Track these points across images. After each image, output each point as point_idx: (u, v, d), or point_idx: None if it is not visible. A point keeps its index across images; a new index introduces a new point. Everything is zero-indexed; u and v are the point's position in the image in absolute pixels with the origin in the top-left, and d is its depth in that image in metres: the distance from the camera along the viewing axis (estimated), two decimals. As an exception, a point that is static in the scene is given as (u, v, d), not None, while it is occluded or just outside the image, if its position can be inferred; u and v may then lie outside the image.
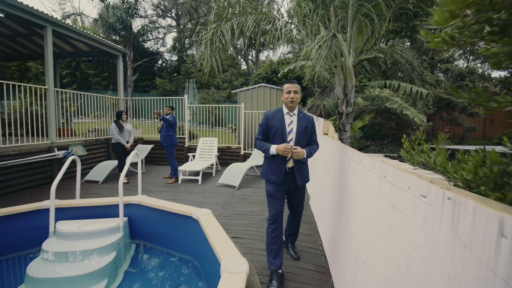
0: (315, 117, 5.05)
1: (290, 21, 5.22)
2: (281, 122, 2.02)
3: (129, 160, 3.14)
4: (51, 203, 2.70)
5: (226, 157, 6.69)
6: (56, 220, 2.76)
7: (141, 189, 4.32)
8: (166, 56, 21.96)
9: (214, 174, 5.77)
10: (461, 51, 13.28)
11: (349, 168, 1.94)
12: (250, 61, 27.45)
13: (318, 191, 3.46)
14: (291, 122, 2.04)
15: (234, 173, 4.75)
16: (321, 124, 3.85)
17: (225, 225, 2.99)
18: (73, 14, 13.56)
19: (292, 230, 2.42)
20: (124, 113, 5.04)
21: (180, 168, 5.03)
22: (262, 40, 5.17)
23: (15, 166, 4.44)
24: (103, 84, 19.36)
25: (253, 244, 2.60)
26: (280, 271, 2.00)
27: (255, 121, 7.05)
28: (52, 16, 5.01)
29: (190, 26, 19.23)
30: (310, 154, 2.04)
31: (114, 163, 5.32)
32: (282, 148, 1.90)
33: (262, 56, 29.22)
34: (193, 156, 6.23)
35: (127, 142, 4.98)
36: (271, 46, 6.07)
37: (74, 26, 5.46)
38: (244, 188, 4.59)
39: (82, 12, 13.95)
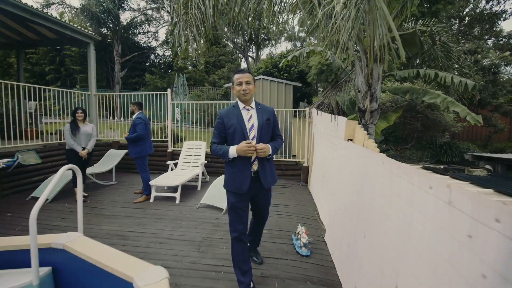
0: (325, 115, 4.02)
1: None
2: (239, 119, 1.85)
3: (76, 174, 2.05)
4: None
5: (217, 164, 5.65)
6: None
7: (93, 214, 3.36)
8: (159, 51, 20.99)
9: (199, 188, 4.73)
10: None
11: (402, 198, 1.00)
12: (250, 58, 26.47)
13: (345, 228, 2.39)
14: (250, 117, 1.88)
15: (222, 189, 3.69)
16: (341, 125, 2.80)
17: (195, 290, 1.93)
18: (55, 3, 12.60)
19: (255, 236, 2.29)
20: (80, 111, 4.03)
21: (154, 182, 3.98)
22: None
23: None
24: (90, 81, 18.39)
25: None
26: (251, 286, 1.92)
27: (252, 121, 6.00)
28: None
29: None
30: (275, 150, 1.90)
31: (68, 174, 4.28)
32: (243, 147, 1.72)
33: (263, 54, 28.27)
34: (175, 165, 5.18)
35: (83, 149, 3.96)
36: (271, 26, 5.00)
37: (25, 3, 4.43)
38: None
39: (63, 1, 12.96)
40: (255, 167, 1.84)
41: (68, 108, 6.38)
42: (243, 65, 25.76)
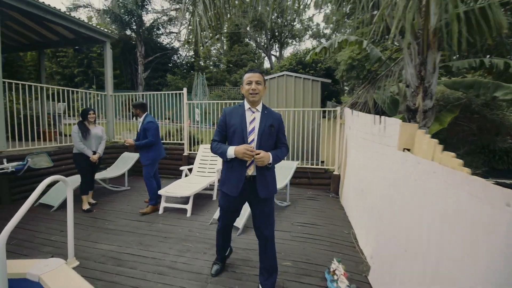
0: (363, 115, 3.34)
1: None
2: (241, 120, 1.79)
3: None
4: None
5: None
6: None
7: (95, 228, 2.93)
8: (182, 52, 21.19)
9: (214, 197, 4.28)
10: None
11: None
12: (273, 57, 25.89)
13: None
14: (253, 120, 1.80)
15: (239, 203, 3.19)
16: (391, 130, 2.16)
17: None
18: (81, 6, 13.12)
19: (266, 264, 1.90)
20: (92, 112, 3.78)
21: (163, 191, 3.59)
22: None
23: None
24: (115, 82, 19.01)
25: None
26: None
27: (274, 123, 5.44)
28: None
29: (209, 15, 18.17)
30: (277, 159, 1.79)
31: (77, 179, 4.02)
32: (242, 150, 1.66)
33: (286, 53, 27.54)
34: (190, 170, 4.79)
35: (94, 153, 3.71)
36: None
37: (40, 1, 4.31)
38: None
39: (89, 4, 13.46)
40: (249, 171, 1.77)
41: (96, 109, 6.33)
42: (266, 64, 25.27)
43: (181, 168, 4.59)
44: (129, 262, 2.33)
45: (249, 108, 1.82)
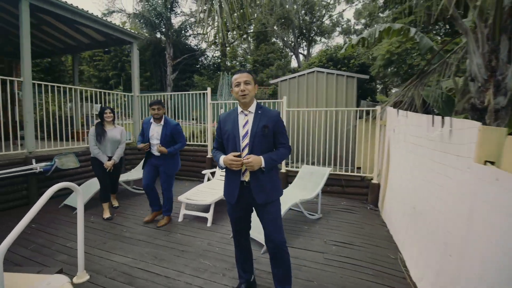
0: (415, 116, 2.80)
1: None
2: (233, 125, 1.72)
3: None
4: None
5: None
6: None
7: (112, 235, 2.80)
8: (208, 52, 21.45)
9: (237, 205, 3.97)
10: None
11: None
12: (301, 55, 25.19)
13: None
14: (246, 123, 1.72)
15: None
16: (463, 135, 1.67)
17: None
18: (114, 11, 13.80)
19: (277, 273, 1.78)
20: (109, 111, 3.49)
21: (183, 197, 3.38)
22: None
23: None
24: (146, 84, 19.78)
25: None
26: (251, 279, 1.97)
27: (303, 124, 5.02)
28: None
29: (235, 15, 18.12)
30: (271, 162, 1.67)
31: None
32: (227, 161, 1.65)
33: (314, 52, 26.64)
34: (212, 174, 4.56)
35: (109, 158, 3.46)
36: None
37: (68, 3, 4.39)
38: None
39: (122, 9, 14.11)
40: (246, 178, 1.71)
41: (123, 109, 6.48)
42: (294, 63, 24.66)
43: (203, 172, 4.37)
44: (140, 280, 2.11)
45: (242, 111, 1.75)
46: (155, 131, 3.14)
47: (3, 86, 4.12)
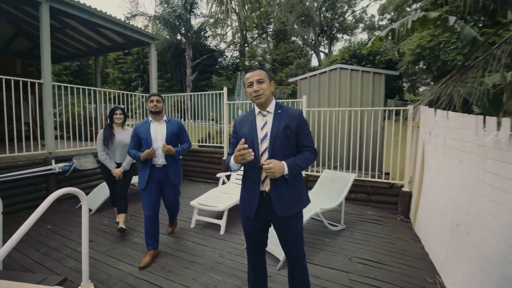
0: (459, 117, 2.41)
1: None
2: (251, 127, 1.55)
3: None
4: None
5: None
6: None
7: (122, 240, 2.54)
8: (227, 53, 21.50)
9: (253, 211, 3.76)
10: None
11: None
12: (321, 53, 24.52)
13: None
14: (264, 125, 1.53)
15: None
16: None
17: None
18: (136, 14, 14.23)
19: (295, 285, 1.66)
20: (119, 112, 3.14)
21: (195, 202, 3.23)
22: None
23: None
24: (166, 85, 20.23)
25: None
26: None
27: (324, 125, 4.71)
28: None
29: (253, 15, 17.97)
30: (295, 167, 1.45)
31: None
32: (236, 153, 1.40)
33: (336, 50, 25.82)
34: (227, 178, 4.39)
35: (118, 165, 3.10)
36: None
37: (82, 3, 4.44)
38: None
39: (144, 13, 14.51)
40: (266, 187, 1.51)
41: (128, 111, 6.55)
42: (314, 61, 24.06)
43: (218, 175, 4.21)
44: (145, 295, 1.96)
45: (259, 112, 1.57)
46: (159, 130, 2.52)
47: (31, 88, 4.24)
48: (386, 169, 4.03)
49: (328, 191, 3.39)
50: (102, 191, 3.91)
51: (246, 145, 1.40)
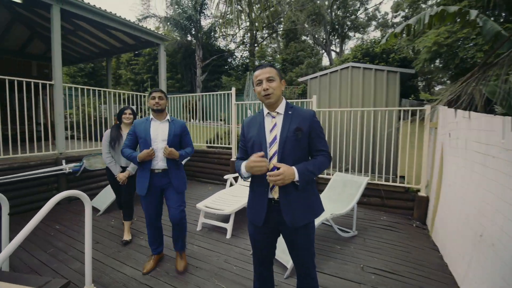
0: (483, 118, 2.24)
1: None
2: (259, 130, 1.44)
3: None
4: None
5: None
6: None
7: (136, 237, 2.66)
8: (237, 53, 21.52)
9: (261, 214, 3.67)
10: None
11: None
12: (333, 52, 24.15)
13: None
14: (273, 127, 1.42)
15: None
16: None
17: None
18: (147, 16, 14.45)
19: None
20: (129, 112, 2.94)
21: (202, 205, 3.17)
22: None
23: (8, 183, 3.60)
24: (177, 86, 20.45)
25: None
26: None
27: (335, 125, 4.55)
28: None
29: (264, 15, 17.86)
30: (307, 174, 1.32)
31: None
32: (250, 163, 1.30)
33: (347, 48, 25.35)
34: (235, 179, 4.32)
35: (124, 170, 2.88)
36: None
37: (90, 4, 4.49)
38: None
39: (156, 15, 14.71)
40: (275, 195, 1.39)
41: (138, 112, 6.60)
42: (325, 60, 23.72)
43: (226, 177, 4.15)
44: (148, 301, 1.91)
45: (268, 113, 1.46)
46: (160, 129, 2.24)
47: (44, 90, 4.32)
48: (401, 172, 3.85)
49: (339, 195, 3.25)
50: (110, 192, 3.92)
51: (264, 158, 1.32)
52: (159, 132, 2.24)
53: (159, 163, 2.21)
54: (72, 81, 19.77)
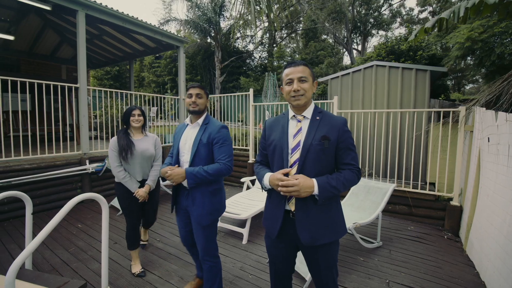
0: None
1: None
2: (282, 133, 1.31)
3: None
4: None
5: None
6: None
7: (153, 239, 2.37)
8: (256, 54, 21.50)
9: (278, 219, 3.56)
10: None
11: None
12: (354, 51, 23.40)
13: None
14: (298, 132, 1.28)
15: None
16: None
17: None
18: (169, 20, 14.84)
19: None
20: (138, 112, 2.35)
21: (217, 208, 3.11)
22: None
23: (36, 182, 3.79)
24: (197, 87, 20.83)
25: None
26: None
27: (358, 128, 4.34)
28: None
29: (283, 15, 17.77)
30: (329, 189, 1.17)
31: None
32: (274, 181, 1.21)
33: (370, 47, 24.48)
34: (252, 182, 4.25)
35: (140, 185, 2.34)
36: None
37: (113, 8, 4.63)
38: None
39: (177, 18, 15.06)
40: (292, 206, 1.26)
41: (161, 113, 6.72)
42: (346, 60, 23.08)
43: (243, 179, 4.08)
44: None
45: (294, 115, 1.33)
46: (188, 138, 1.76)
47: (70, 93, 4.53)
48: (431, 179, 3.57)
49: (362, 203, 3.06)
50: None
51: (289, 173, 1.23)
52: (187, 140, 1.76)
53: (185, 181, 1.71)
54: (100, 84, 20.81)
